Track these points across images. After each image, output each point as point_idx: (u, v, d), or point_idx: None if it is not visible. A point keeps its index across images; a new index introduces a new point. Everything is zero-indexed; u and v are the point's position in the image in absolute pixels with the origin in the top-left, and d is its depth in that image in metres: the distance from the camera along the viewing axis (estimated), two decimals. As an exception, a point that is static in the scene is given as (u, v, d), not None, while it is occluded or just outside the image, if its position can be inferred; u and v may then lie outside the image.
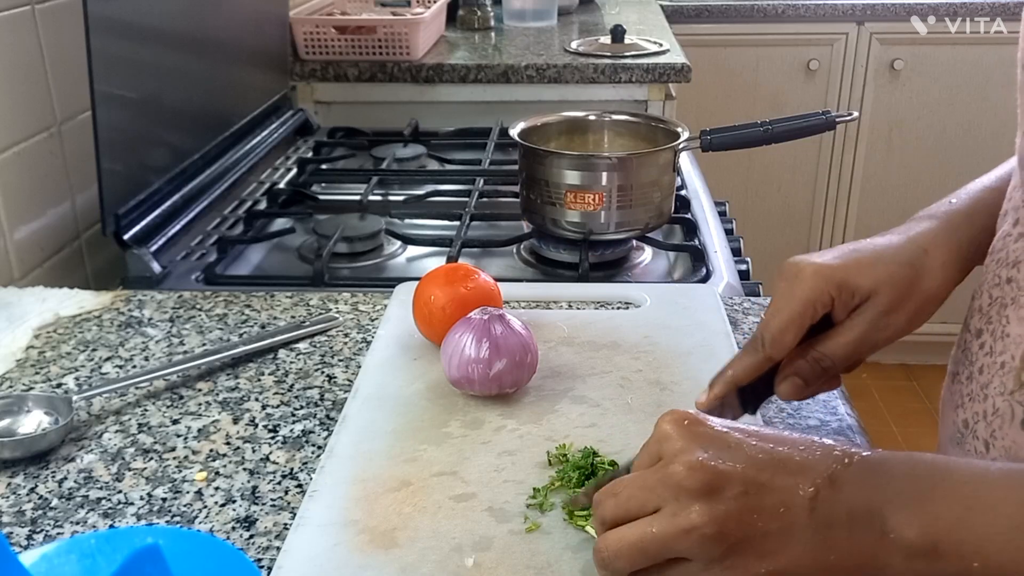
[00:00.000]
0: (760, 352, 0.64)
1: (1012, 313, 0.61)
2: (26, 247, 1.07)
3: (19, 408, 0.77)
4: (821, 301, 0.63)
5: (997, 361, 0.62)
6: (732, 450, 0.50)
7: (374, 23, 1.84)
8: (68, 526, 0.66)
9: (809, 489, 0.48)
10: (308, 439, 0.76)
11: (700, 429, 0.51)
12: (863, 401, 2.67)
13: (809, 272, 0.64)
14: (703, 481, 0.48)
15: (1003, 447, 0.61)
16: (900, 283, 0.64)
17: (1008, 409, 0.60)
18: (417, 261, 1.21)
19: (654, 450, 0.52)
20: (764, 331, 0.64)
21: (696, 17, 2.63)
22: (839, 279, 0.63)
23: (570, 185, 1.11)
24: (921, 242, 0.66)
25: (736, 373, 0.65)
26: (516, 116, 1.20)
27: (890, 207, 2.75)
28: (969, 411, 0.65)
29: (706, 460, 0.49)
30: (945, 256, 0.66)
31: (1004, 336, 0.62)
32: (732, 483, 0.48)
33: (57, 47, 1.10)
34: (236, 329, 0.94)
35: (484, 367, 0.74)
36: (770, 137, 1.11)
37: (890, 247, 0.66)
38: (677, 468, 0.49)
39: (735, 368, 0.65)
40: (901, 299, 0.64)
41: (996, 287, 0.64)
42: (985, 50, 2.55)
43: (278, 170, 1.52)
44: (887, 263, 0.64)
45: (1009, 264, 0.63)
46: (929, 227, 0.68)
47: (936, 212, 0.69)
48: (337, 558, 0.59)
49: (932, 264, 0.65)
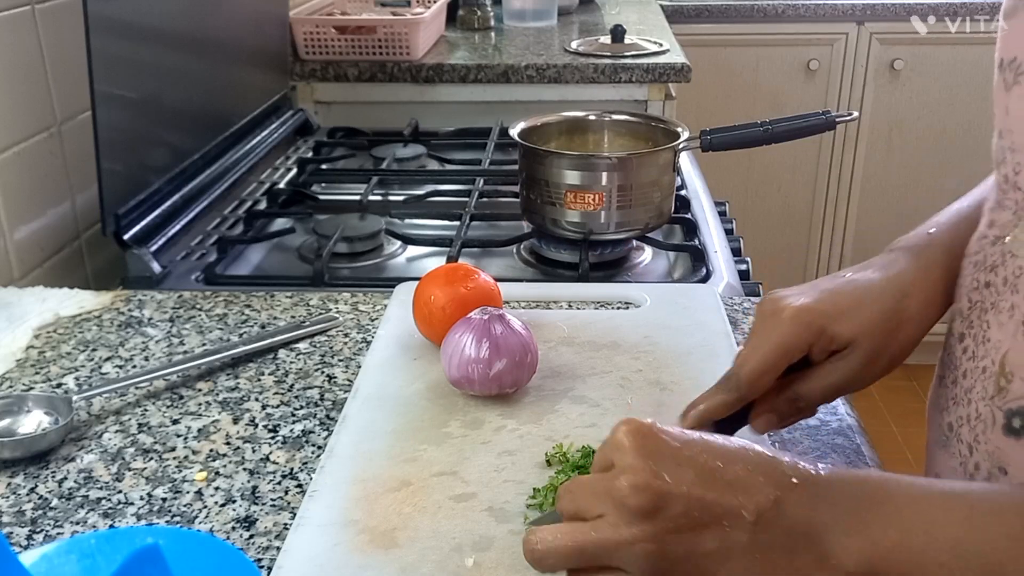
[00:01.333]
0: (734, 393, 0.64)
1: (992, 318, 0.61)
2: (26, 247, 1.07)
3: (19, 408, 0.77)
4: (799, 347, 0.63)
5: (979, 366, 0.62)
6: (681, 468, 0.50)
7: (374, 23, 1.84)
8: (68, 526, 0.66)
9: (752, 511, 0.48)
10: (308, 439, 0.76)
11: (652, 444, 0.51)
12: (863, 401, 2.67)
13: (788, 315, 0.63)
14: (647, 500, 0.48)
15: (986, 451, 0.61)
16: (881, 333, 0.64)
17: (990, 414, 0.60)
18: (417, 261, 1.21)
19: (607, 457, 0.52)
20: (740, 371, 0.64)
21: (696, 17, 2.63)
22: (819, 326, 0.63)
23: (570, 185, 1.11)
24: (901, 285, 0.66)
25: (709, 409, 0.65)
26: (516, 116, 1.20)
27: (890, 207, 2.75)
28: (953, 415, 0.65)
29: (652, 480, 0.49)
30: (925, 298, 0.66)
31: (985, 341, 0.62)
32: (675, 502, 0.48)
33: (57, 47, 1.10)
34: (236, 329, 0.94)
35: (484, 367, 0.74)
36: (770, 137, 1.11)
37: (870, 291, 0.65)
38: (622, 484, 0.49)
39: (708, 404, 0.65)
40: (881, 349, 0.64)
41: (975, 291, 0.64)
42: (985, 50, 2.53)
43: (278, 170, 1.52)
44: (868, 310, 0.64)
45: (987, 268, 0.63)
46: (907, 267, 0.67)
47: (915, 245, 0.69)
48: (337, 558, 0.59)
49: (913, 308, 0.65)
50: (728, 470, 0.50)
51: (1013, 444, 0.59)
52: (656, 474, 0.49)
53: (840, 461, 0.72)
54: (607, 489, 0.50)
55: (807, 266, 2.87)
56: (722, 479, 0.49)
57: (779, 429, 0.69)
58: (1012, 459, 0.59)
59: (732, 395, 0.64)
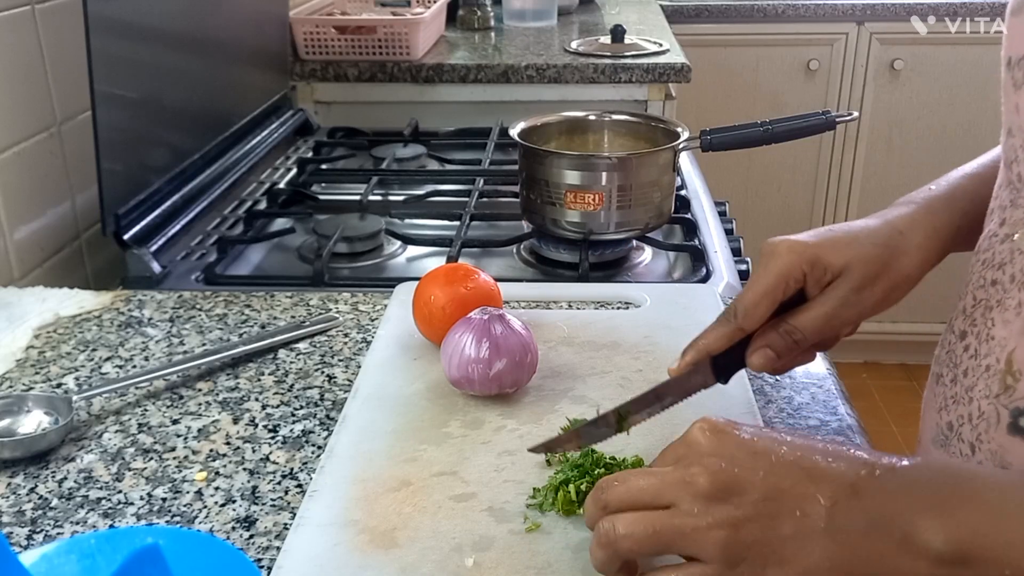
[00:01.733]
0: (732, 323, 0.66)
1: (997, 315, 0.61)
2: (26, 247, 1.07)
3: (19, 408, 0.77)
4: (794, 276, 0.65)
5: (982, 364, 0.62)
6: (756, 456, 0.50)
7: (374, 23, 1.84)
8: (68, 526, 0.66)
9: (829, 496, 0.48)
10: (308, 439, 0.76)
11: (728, 436, 0.52)
12: (863, 401, 2.67)
13: (783, 248, 0.66)
14: (723, 484, 0.49)
15: (989, 451, 0.61)
16: (873, 262, 0.66)
17: (994, 412, 0.60)
18: (417, 261, 1.21)
19: (680, 452, 0.53)
20: (737, 303, 0.66)
21: (696, 17, 2.63)
22: (812, 255, 0.65)
23: (570, 185, 1.11)
24: (898, 224, 0.68)
25: (708, 342, 0.66)
26: (516, 116, 1.20)
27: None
28: (953, 413, 0.65)
29: (728, 466, 0.50)
30: (921, 238, 0.67)
31: (989, 339, 0.62)
32: (752, 489, 0.49)
33: (57, 47, 1.10)
34: (236, 329, 0.94)
35: (484, 367, 0.74)
36: (770, 137, 1.11)
37: (866, 228, 0.68)
38: (698, 471, 0.50)
39: (707, 338, 0.67)
40: (873, 277, 0.65)
41: (981, 288, 0.64)
42: (985, 50, 2.55)
43: (278, 170, 1.52)
44: (861, 243, 0.66)
45: (994, 266, 0.63)
46: (907, 211, 0.69)
47: (915, 197, 0.71)
48: (337, 558, 0.59)
49: (907, 245, 0.67)
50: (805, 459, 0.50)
51: (1018, 443, 0.58)
52: (732, 461, 0.50)
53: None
54: (680, 478, 0.50)
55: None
56: (797, 467, 0.49)
57: (778, 371, 0.70)
58: (1016, 457, 0.59)
59: (730, 326, 0.66)
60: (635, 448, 0.69)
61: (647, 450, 0.69)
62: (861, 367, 2.86)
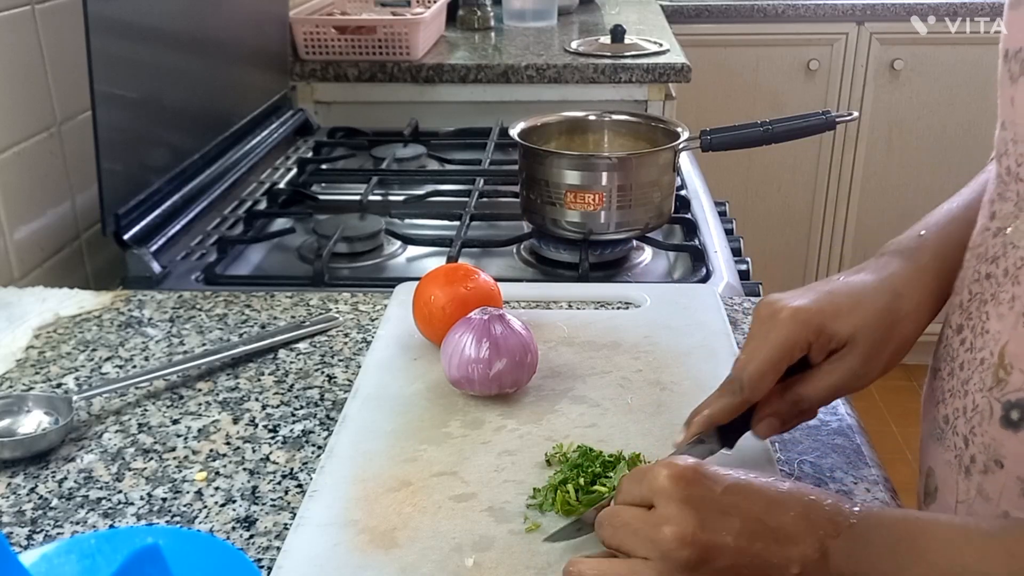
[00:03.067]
0: (738, 395, 0.65)
1: (992, 309, 0.61)
2: (26, 247, 1.07)
3: (19, 408, 0.77)
4: (799, 346, 0.64)
5: (977, 357, 0.62)
6: (726, 517, 0.51)
7: (374, 23, 1.84)
8: (68, 526, 0.66)
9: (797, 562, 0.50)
10: (308, 439, 0.76)
11: (697, 491, 0.52)
12: (863, 401, 2.67)
13: (786, 315, 0.64)
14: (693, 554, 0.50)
15: (982, 443, 0.61)
16: (878, 330, 0.65)
17: (987, 405, 0.60)
18: (417, 261, 1.21)
19: (646, 494, 0.53)
20: (742, 374, 0.64)
21: (696, 17, 2.62)
22: (817, 324, 0.64)
23: (570, 185, 1.11)
24: (895, 285, 0.67)
25: (713, 413, 0.65)
26: (516, 116, 1.20)
27: (890, 207, 2.75)
28: (949, 407, 0.65)
29: (698, 532, 0.50)
30: (919, 298, 0.67)
31: (984, 332, 0.62)
32: (721, 555, 0.50)
33: (57, 47, 1.10)
34: (236, 329, 0.94)
35: (484, 367, 0.74)
36: (770, 137, 1.11)
37: (865, 290, 0.66)
38: (667, 535, 0.51)
39: (712, 409, 0.66)
40: (879, 347, 0.65)
41: (975, 283, 0.64)
42: (985, 50, 2.55)
43: (278, 170, 1.52)
44: (865, 309, 0.65)
45: (988, 260, 0.63)
46: (901, 269, 0.68)
47: (906, 248, 0.70)
48: (337, 558, 0.59)
49: (907, 308, 0.66)
50: (772, 518, 0.51)
51: (1010, 436, 0.59)
52: (702, 525, 0.50)
53: (840, 461, 0.72)
54: (650, 538, 0.51)
55: (807, 266, 2.87)
56: (767, 528, 0.50)
57: (781, 433, 0.69)
58: (1009, 451, 0.59)
59: (736, 398, 0.65)
60: (635, 447, 0.69)
61: (647, 449, 0.69)
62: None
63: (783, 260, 2.80)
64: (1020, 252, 0.59)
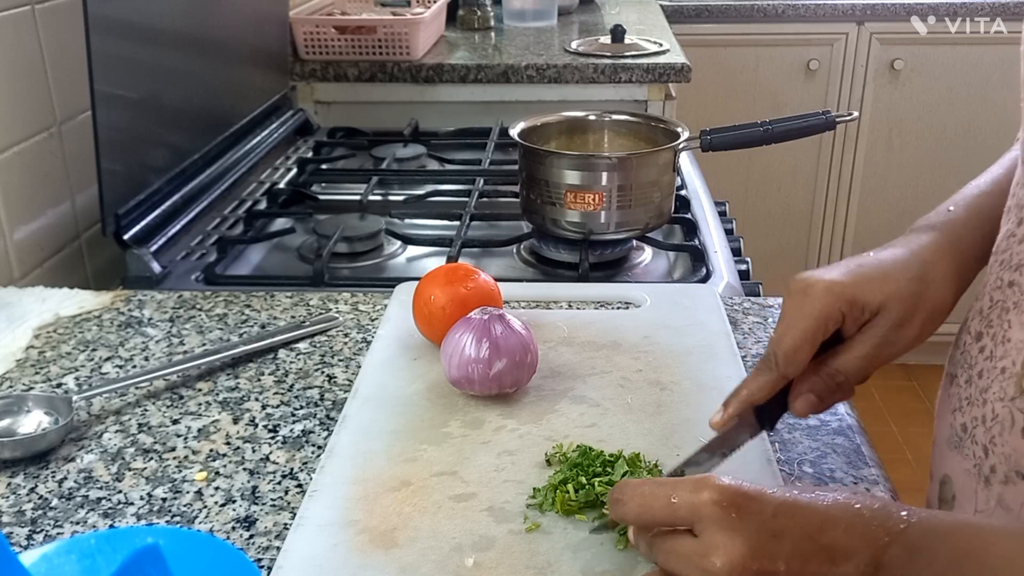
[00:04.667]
0: (775, 371, 0.64)
1: (1014, 318, 0.61)
2: (26, 247, 1.07)
3: (19, 408, 0.77)
4: (833, 318, 0.63)
5: (997, 366, 0.62)
6: (777, 540, 0.49)
7: (374, 23, 1.84)
8: (68, 526, 0.66)
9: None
10: (308, 439, 0.76)
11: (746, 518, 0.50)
12: (863, 401, 2.66)
13: (820, 289, 0.64)
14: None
15: (1003, 454, 0.60)
16: (909, 297, 0.64)
17: (1008, 415, 0.60)
18: (417, 261, 1.21)
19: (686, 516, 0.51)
20: (777, 349, 0.64)
21: (696, 17, 2.62)
22: (850, 295, 0.63)
23: (570, 185, 1.11)
24: (924, 255, 0.66)
25: (751, 392, 0.65)
26: (516, 116, 1.20)
27: (890, 207, 2.75)
28: (968, 415, 0.64)
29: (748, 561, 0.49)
30: (948, 267, 0.66)
31: (1005, 341, 0.61)
32: None
33: (57, 47, 1.10)
34: (236, 329, 0.94)
35: (484, 367, 0.74)
36: (770, 137, 1.11)
37: (896, 262, 0.66)
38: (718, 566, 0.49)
39: (750, 387, 0.65)
40: (911, 312, 0.64)
41: (998, 290, 0.64)
42: (985, 50, 2.55)
43: (278, 170, 1.52)
44: (895, 278, 0.65)
45: (1012, 267, 0.62)
46: (931, 239, 0.68)
47: (935, 222, 0.69)
48: (337, 558, 0.59)
49: (937, 276, 0.65)
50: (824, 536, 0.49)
51: None
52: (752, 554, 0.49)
53: (840, 462, 0.72)
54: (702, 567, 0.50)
55: (807, 266, 2.85)
56: (819, 547, 0.49)
57: (820, 412, 0.68)
58: None
59: (772, 374, 0.64)
60: (635, 446, 0.69)
61: (647, 448, 0.69)
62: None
63: (783, 260, 2.80)
64: None
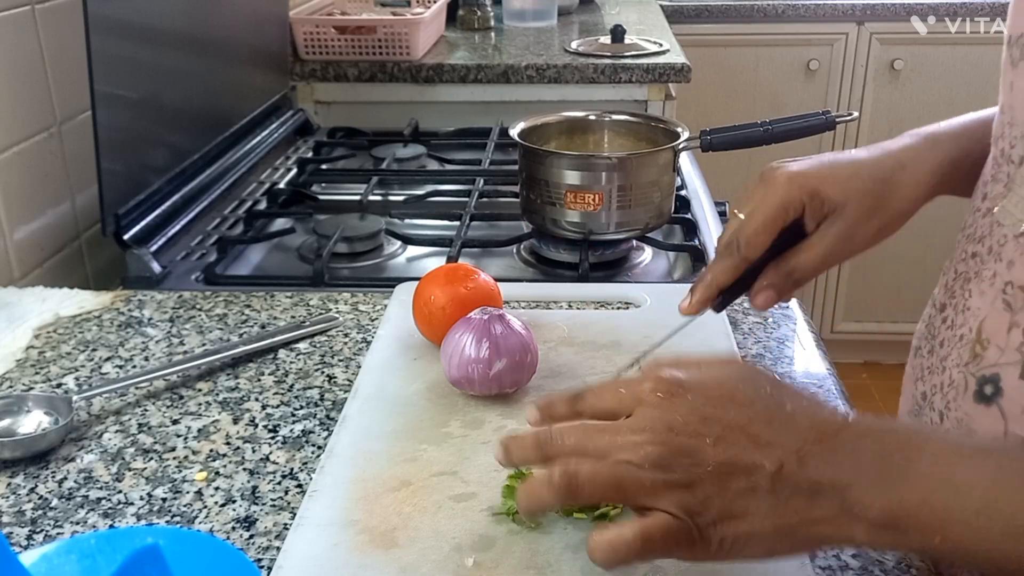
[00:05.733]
0: (736, 255, 0.68)
1: (974, 287, 0.62)
2: (26, 247, 1.07)
3: (19, 408, 0.77)
4: (793, 206, 0.68)
5: (957, 334, 0.63)
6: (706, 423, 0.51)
7: (374, 23, 1.84)
8: (68, 526, 0.66)
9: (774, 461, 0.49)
10: (308, 439, 0.76)
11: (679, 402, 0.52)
12: (863, 401, 2.67)
13: (784, 178, 0.68)
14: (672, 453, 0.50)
15: (955, 418, 0.61)
16: (870, 198, 0.67)
17: (963, 380, 0.61)
18: (417, 261, 1.21)
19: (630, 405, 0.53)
20: (739, 235, 0.68)
21: (696, 17, 2.63)
22: (812, 187, 0.67)
23: (570, 185, 1.11)
24: (900, 157, 0.69)
25: (716, 276, 0.69)
26: (516, 116, 1.20)
27: (890, 207, 2.75)
28: (928, 383, 0.66)
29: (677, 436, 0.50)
30: (920, 173, 0.69)
31: (965, 309, 0.62)
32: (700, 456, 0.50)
33: (57, 47, 1.10)
34: (236, 329, 0.94)
35: (484, 367, 0.74)
36: (770, 137, 1.11)
37: (868, 160, 0.69)
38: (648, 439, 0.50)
39: (714, 272, 0.69)
40: (869, 213, 0.67)
41: (962, 262, 0.65)
42: (985, 50, 2.55)
43: (278, 170, 1.52)
44: (862, 178, 0.68)
45: (975, 239, 0.64)
46: (911, 143, 0.71)
47: (922, 131, 0.72)
48: (337, 558, 0.59)
49: (906, 180, 0.68)
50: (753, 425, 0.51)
51: (982, 411, 0.59)
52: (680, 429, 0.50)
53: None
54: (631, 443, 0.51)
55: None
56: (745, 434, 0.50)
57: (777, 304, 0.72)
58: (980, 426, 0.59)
59: (734, 257, 0.68)
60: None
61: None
62: (861, 367, 2.86)
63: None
64: (1004, 230, 0.60)
